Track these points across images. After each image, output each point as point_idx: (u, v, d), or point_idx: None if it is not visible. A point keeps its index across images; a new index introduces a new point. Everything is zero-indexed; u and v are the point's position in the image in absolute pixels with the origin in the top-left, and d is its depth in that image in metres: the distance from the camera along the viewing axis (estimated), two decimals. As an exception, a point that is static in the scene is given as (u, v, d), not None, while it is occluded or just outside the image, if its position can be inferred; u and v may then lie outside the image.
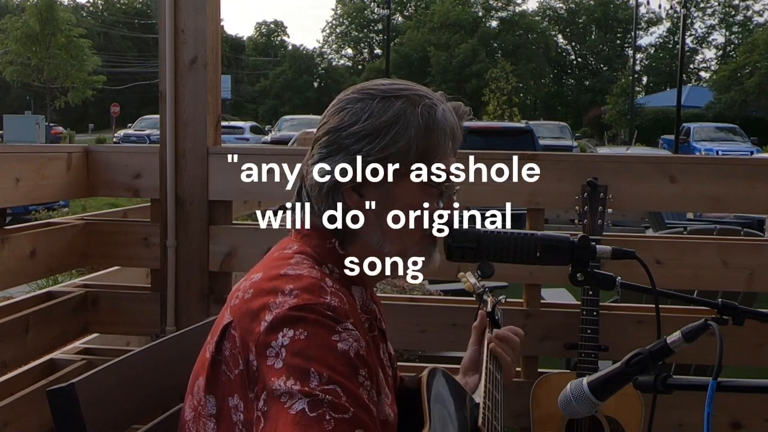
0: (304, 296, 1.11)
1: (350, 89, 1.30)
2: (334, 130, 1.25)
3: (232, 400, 1.14)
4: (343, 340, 1.08)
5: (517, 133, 11.81)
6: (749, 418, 2.54)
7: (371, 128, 1.22)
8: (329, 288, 1.14)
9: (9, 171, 2.48)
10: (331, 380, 1.02)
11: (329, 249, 1.25)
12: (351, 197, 1.24)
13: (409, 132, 1.22)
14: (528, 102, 55.19)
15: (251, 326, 1.11)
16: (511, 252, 1.25)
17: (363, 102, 1.24)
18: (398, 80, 1.31)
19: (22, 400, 2.44)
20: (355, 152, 1.22)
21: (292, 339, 1.06)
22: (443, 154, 1.25)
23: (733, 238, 3.18)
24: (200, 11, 2.73)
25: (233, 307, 1.17)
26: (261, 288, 1.15)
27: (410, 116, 1.22)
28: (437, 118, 1.24)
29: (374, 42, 68.47)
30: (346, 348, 1.08)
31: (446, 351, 3.51)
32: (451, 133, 1.26)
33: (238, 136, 28.34)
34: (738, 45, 53.21)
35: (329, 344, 1.07)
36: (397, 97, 1.24)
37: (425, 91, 1.29)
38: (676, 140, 27.51)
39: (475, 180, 2.57)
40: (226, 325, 1.16)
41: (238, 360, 1.12)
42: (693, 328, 1.15)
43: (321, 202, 1.26)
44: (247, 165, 2.72)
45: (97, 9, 64.65)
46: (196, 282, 2.76)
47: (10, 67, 36.60)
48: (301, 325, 1.07)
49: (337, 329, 1.09)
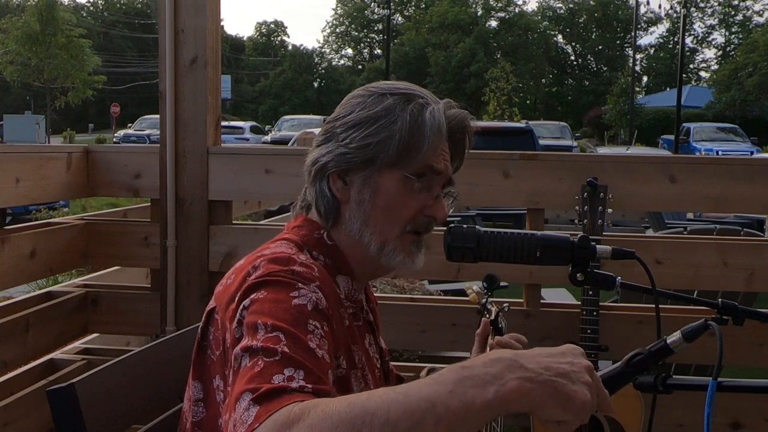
0: (270, 266, 1.15)
1: (359, 88, 1.36)
2: (331, 121, 1.32)
3: (215, 381, 1.19)
4: (302, 296, 1.10)
5: (517, 133, 11.81)
6: (749, 418, 2.54)
7: (359, 118, 1.27)
8: (299, 260, 1.18)
9: (9, 171, 2.48)
10: (275, 328, 1.03)
11: (317, 238, 1.29)
12: (336, 183, 1.28)
13: (395, 126, 1.25)
14: (528, 102, 55.15)
15: (229, 307, 1.15)
16: (511, 252, 1.25)
17: (362, 97, 1.30)
18: (403, 82, 1.35)
19: (22, 400, 2.44)
20: (343, 140, 1.27)
21: (252, 300, 1.10)
22: (428, 151, 1.27)
23: (733, 238, 3.18)
24: (200, 11, 2.73)
25: (217, 293, 1.23)
26: (240, 270, 1.20)
27: (399, 112, 1.26)
28: (424, 116, 1.26)
29: (374, 42, 68.48)
30: (302, 303, 1.09)
31: (446, 351, 3.51)
32: (438, 131, 1.27)
33: (238, 136, 28.32)
34: (738, 45, 53.19)
35: (284, 299, 1.09)
36: (392, 95, 1.28)
37: (423, 93, 1.31)
38: (676, 140, 27.49)
39: (476, 180, 2.57)
40: (210, 310, 1.22)
41: (219, 342, 1.17)
42: (693, 328, 1.15)
43: (310, 186, 1.32)
44: (247, 165, 2.73)
45: (97, 9, 64.66)
46: (196, 282, 2.76)
47: (10, 67, 36.54)
48: (262, 287, 1.11)
49: (297, 287, 1.11)
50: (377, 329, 1.42)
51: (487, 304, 1.78)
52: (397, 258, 1.29)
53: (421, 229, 1.30)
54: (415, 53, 57.02)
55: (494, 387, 0.88)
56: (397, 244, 1.28)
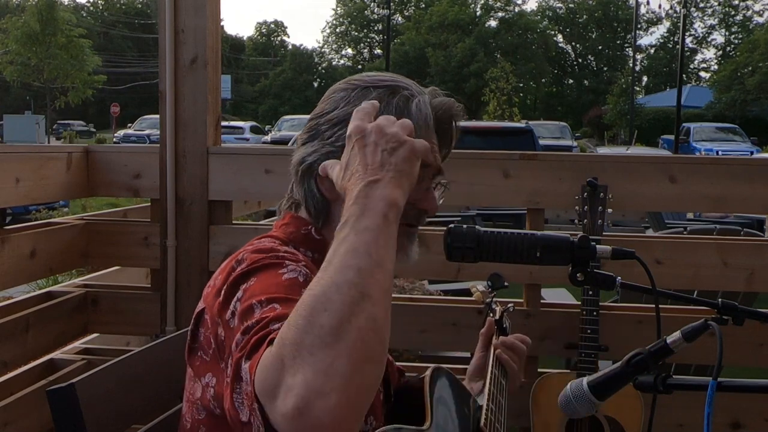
0: (253, 256, 1.15)
1: (340, 81, 1.33)
2: (315, 117, 1.30)
3: (203, 379, 1.18)
4: (290, 271, 1.10)
5: (517, 133, 11.78)
6: (749, 418, 2.54)
7: (344, 115, 1.24)
8: (282, 250, 1.17)
9: (9, 171, 2.48)
10: (270, 300, 1.03)
11: (304, 234, 1.28)
12: (323, 181, 1.25)
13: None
14: (528, 102, 55.16)
15: (216, 301, 1.14)
16: (511, 252, 1.24)
17: (345, 92, 1.28)
18: (386, 73, 1.32)
19: (22, 400, 2.44)
20: (328, 138, 1.25)
21: (244, 290, 1.09)
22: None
23: (733, 238, 3.18)
24: (200, 11, 2.73)
25: (205, 295, 1.22)
26: (224, 268, 1.19)
27: (384, 106, 1.23)
28: (411, 108, 1.24)
29: (374, 42, 68.47)
30: (292, 276, 1.09)
31: (446, 351, 3.52)
32: (425, 124, 1.25)
33: (238, 136, 28.31)
34: (738, 45, 53.19)
35: (274, 276, 1.09)
36: (376, 87, 1.26)
37: (408, 83, 1.29)
38: (676, 140, 27.48)
39: (476, 180, 2.57)
40: (199, 312, 1.21)
41: (210, 340, 1.16)
42: (693, 328, 1.15)
43: (298, 186, 1.30)
44: (246, 165, 2.73)
45: (97, 9, 64.69)
46: (196, 282, 2.75)
47: (10, 67, 36.54)
48: (251, 276, 1.11)
49: (284, 264, 1.11)
50: None
51: (492, 303, 1.77)
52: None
53: (413, 221, 1.28)
54: (415, 53, 57.03)
55: (381, 204, 0.98)
56: None
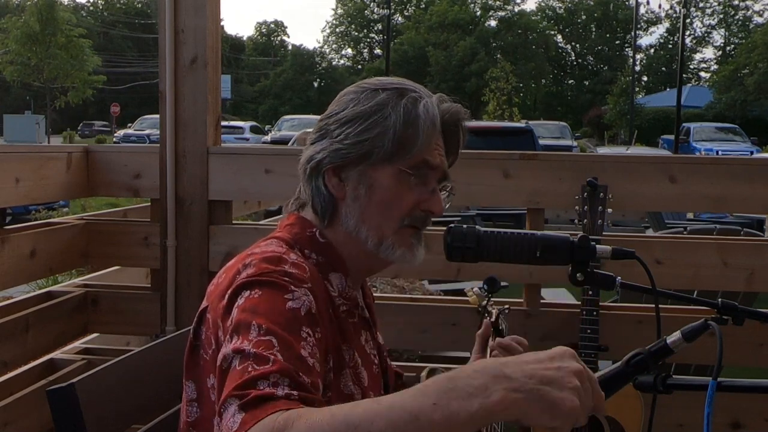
0: (262, 265, 1.15)
1: (351, 85, 1.35)
2: (324, 118, 1.32)
3: (209, 381, 1.19)
4: (296, 299, 1.11)
5: (517, 133, 11.78)
6: (749, 418, 2.54)
7: (353, 114, 1.27)
8: (290, 260, 1.18)
9: (9, 171, 2.48)
10: (269, 331, 1.03)
11: (309, 236, 1.29)
12: (331, 180, 1.28)
13: (389, 121, 1.25)
14: (528, 102, 55.15)
15: (219, 304, 1.15)
16: (511, 252, 1.24)
17: (355, 94, 1.30)
18: (396, 78, 1.34)
19: (22, 400, 2.44)
20: (337, 136, 1.27)
21: (246, 298, 1.10)
22: (423, 145, 1.26)
23: (733, 238, 3.18)
24: (200, 11, 2.73)
25: (209, 293, 1.23)
26: (230, 268, 1.20)
27: (392, 107, 1.25)
28: (418, 110, 1.26)
29: (374, 42, 68.47)
30: (296, 306, 1.10)
31: (446, 351, 3.51)
32: (432, 125, 1.27)
33: (238, 136, 28.31)
34: (738, 45, 53.19)
35: (279, 301, 1.10)
36: (384, 90, 1.28)
37: (416, 87, 1.31)
38: (676, 140, 27.47)
39: (476, 180, 2.57)
40: (202, 310, 1.22)
41: (211, 340, 1.17)
42: (693, 328, 1.15)
43: (306, 185, 1.31)
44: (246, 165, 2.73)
45: (97, 9, 64.67)
46: (196, 282, 2.75)
47: (10, 67, 36.50)
48: (256, 286, 1.11)
49: (290, 289, 1.12)
50: (375, 326, 1.41)
51: (487, 306, 1.77)
52: (396, 252, 1.28)
53: (418, 223, 1.29)
54: (415, 53, 57.03)
55: (479, 399, 0.86)
56: (395, 239, 1.27)
